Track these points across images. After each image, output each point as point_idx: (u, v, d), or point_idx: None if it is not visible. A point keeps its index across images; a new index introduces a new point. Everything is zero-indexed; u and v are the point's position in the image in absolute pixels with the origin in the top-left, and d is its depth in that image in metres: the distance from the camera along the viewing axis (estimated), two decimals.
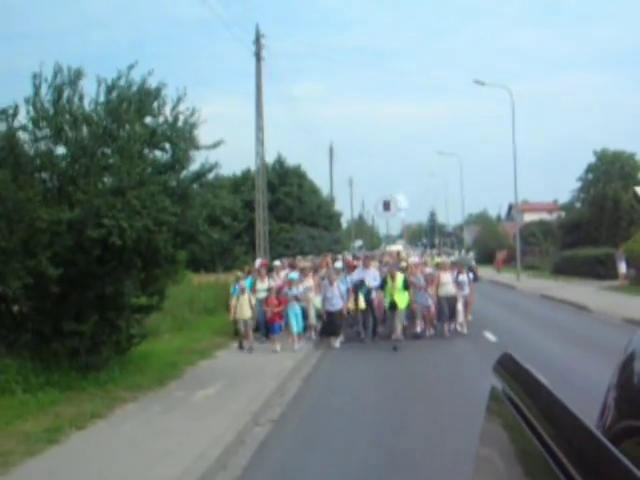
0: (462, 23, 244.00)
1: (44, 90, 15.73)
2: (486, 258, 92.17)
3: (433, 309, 24.46)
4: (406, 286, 22.57)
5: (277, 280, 24.31)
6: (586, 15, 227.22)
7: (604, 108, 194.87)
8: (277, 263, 27.50)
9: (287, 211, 64.84)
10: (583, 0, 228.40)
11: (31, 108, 15.67)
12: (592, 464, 1.26)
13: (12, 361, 14.18)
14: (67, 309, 15.14)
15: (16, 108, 15.58)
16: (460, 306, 24.68)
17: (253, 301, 21.99)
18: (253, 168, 52.04)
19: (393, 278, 22.44)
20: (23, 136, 15.63)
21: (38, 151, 15.60)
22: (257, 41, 39.18)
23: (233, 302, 21.97)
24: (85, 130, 15.77)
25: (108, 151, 15.73)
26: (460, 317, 24.85)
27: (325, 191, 79.33)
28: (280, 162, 68.60)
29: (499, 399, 2.09)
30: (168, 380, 16.37)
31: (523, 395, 1.85)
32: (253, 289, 23.17)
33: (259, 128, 38.93)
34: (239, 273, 25.72)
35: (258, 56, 38.95)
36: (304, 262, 28.21)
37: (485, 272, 62.52)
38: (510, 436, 1.86)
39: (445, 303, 24.11)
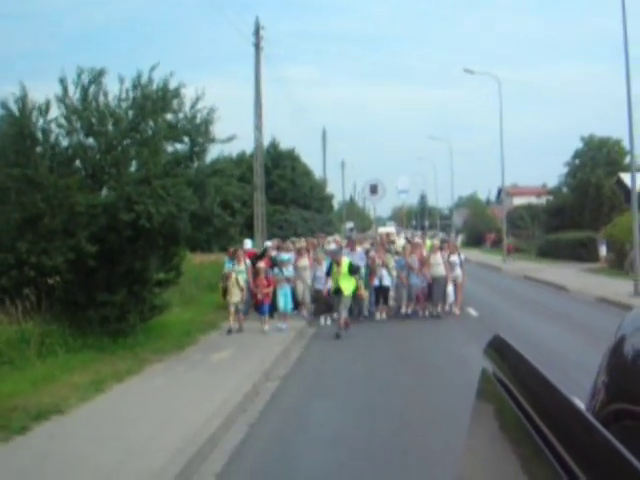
0: (460, 10, 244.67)
1: (72, 89, 17.90)
2: (475, 240, 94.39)
3: (427, 291, 24.94)
4: (352, 271, 22.01)
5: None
6: (583, 4, 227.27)
7: (597, 95, 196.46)
8: (268, 244, 28.50)
9: (281, 193, 66.42)
10: None
11: (62, 105, 17.83)
12: (582, 445, 1.29)
13: (55, 327, 16.34)
14: (99, 282, 17.32)
15: (48, 103, 17.72)
16: (450, 287, 25.17)
17: (242, 283, 22.04)
18: (248, 151, 53.96)
19: (338, 264, 21.93)
20: (57, 130, 17.82)
21: (72, 143, 17.78)
22: (257, 32, 40.93)
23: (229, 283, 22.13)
24: (111, 124, 17.94)
25: (134, 143, 17.87)
26: (450, 298, 25.28)
27: (318, 173, 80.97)
28: (274, 145, 70.20)
29: (490, 381, 2.13)
30: (186, 346, 18.57)
31: (514, 377, 1.90)
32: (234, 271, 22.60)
33: (257, 115, 40.87)
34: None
35: (257, 47, 40.70)
36: (300, 243, 28.36)
37: (472, 254, 64.71)
38: (501, 418, 1.91)
39: (435, 284, 24.53)
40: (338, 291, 21.71)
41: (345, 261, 22.08)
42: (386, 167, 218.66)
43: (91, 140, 18.01)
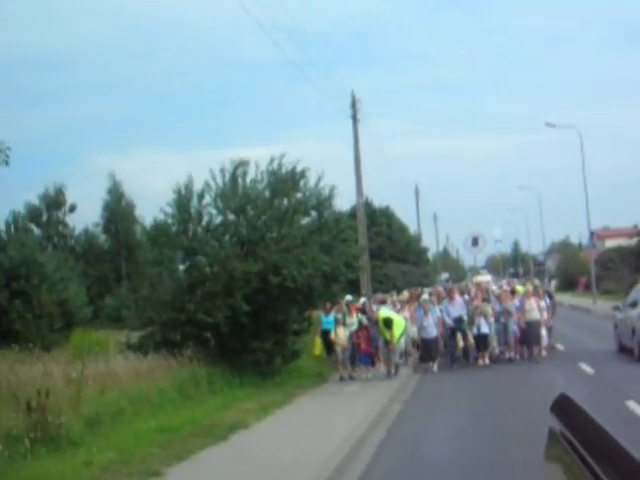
0: (540, 52, 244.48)
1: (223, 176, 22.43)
2: (568, 285, 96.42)
3: (519, 335, 26.02)
4: (386, 325, 23.15)
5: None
6: None
7: None
8: (349, 298, 28.27)
9: (378, 249, 70.13)
10: None
11: (212, 192, 22.34)
12: None
13: (218, 369, 20.50)
14: (251, 332, 21.43)
15: (203, 192, 22.18)
16: (544, 330, 26.24)
17: (347, 333, 23.74)
18: (342, 208, 58.10)
19: (377, 321, 23.77)
20: (211, 209, 22.36)
21: (223, 221, 22.17)
22: (353, 105, 44.83)
23: (332, 335, 23.80)
24: (252, 204, 22.30)
25: (271, 218, 22.21)
26: (544, 341, 26.27)
27: (412, 227, 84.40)
28: (368, 203, 74.10)
29: (557, 440, 2.29)
30: (321, 382, 22.73)
31: (580, 437, 2.03)
32: (341, 323, 24.01)
33: (358, 181, 44.84)
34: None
35: (354, 119, 44.75)
36: (401, 296, 30.64)
37: (565, 298, 67.57)
38: (569, 478, 2.01)
39: (530, 328, 25.56)
40: (386, 342, 23.54)
41: (380, 316, 23.65)
42: (477, 217, 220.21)
43: (236, 217, 22.39)
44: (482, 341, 25.89)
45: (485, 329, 25.90)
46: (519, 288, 30.31)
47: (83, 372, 16.46)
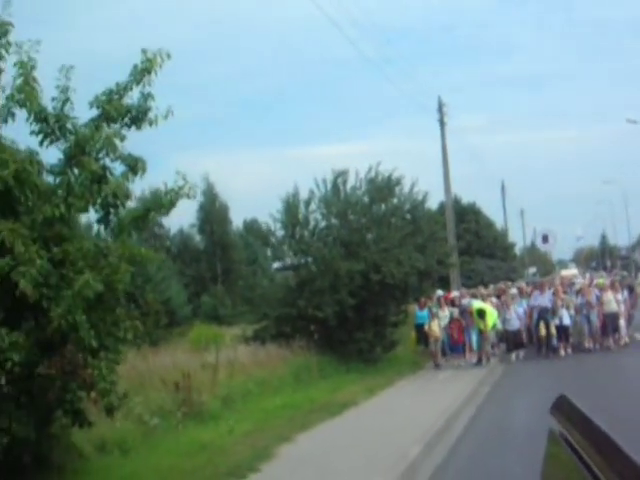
0: (623, 40, 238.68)
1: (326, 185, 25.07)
2: None
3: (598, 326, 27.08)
4: (479, 315, 25.51)
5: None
6: None
7: None
8: (456, 293, 31.63)
9: (466, 245, 71.72)
10: None
11: (317, 199, 25.03)
12: None
13: (326, 358, 23.16)
14: (355, 324, 24.08)
15: (309, 199, 24.84)
16: (622, 321, 27.43)
17: (440, 325, 25.88)
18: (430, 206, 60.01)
19: (471, 313, 25.88)
20: (316, 215, 25.06)
21: (327, 224, 24.84)
22: (440, 110, 47.04)
23: (426, 327, 26.09)
24: (354, 209, 24.91)
25: (370, 221, 24.79)
26: (622, 331, 27.40)
27: (499, 222, 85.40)
28: (457, 201, 75.70)
29: (557, 442, 2.34)
30: (417, 369, 25.25)
31: (580, 439, 2.06)
32: (435, 316, 26.04)
33: (447, 182, 46.95)
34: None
35: (442, 123, 46.86)
36: (485, 290, 32.52)
37: None
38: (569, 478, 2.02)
39: (609, 319, 26.89)
40: (480, 331, 25.89)
41: (474, 308, 25.95)
42: (563, 210, 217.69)
43: (338, 221, 25.03)
44: (564, 332, 27.00)
45: (567, 321, 26.91)
46: (600, 281, 31.83)
47: (217, 359, 19.23)
